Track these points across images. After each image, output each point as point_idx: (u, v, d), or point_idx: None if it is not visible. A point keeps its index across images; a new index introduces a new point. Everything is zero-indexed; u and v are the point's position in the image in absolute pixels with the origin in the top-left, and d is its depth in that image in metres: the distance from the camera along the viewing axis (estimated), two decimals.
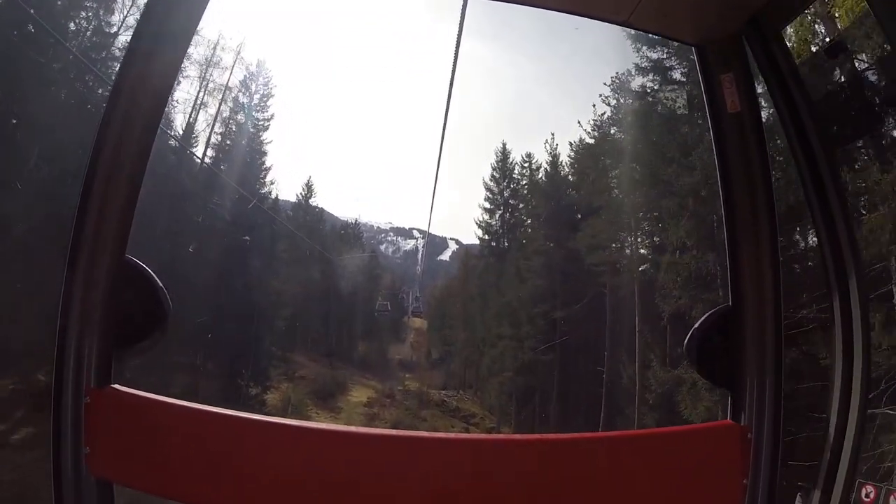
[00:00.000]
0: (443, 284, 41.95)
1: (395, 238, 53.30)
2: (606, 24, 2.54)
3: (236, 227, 30.53)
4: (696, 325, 2.47)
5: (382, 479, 2.14)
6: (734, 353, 2.39)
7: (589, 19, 2.61)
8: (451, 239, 50.18)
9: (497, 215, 36.84)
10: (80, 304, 2.20)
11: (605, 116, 31.29)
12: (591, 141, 32.18)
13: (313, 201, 37.15)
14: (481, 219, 36.56)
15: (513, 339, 31.76)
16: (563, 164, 34.10)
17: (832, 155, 2.32)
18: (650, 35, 20.39)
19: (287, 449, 2.17)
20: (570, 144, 33.21)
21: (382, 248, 51.25)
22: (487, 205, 36.85)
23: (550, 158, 34.58)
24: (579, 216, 31.31)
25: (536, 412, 31.55)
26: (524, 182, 36.67)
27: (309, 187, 35.49)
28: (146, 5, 2.35)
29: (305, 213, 37.78)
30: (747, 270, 2.41)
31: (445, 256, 50.76)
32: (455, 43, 4.36)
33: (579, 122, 34.54)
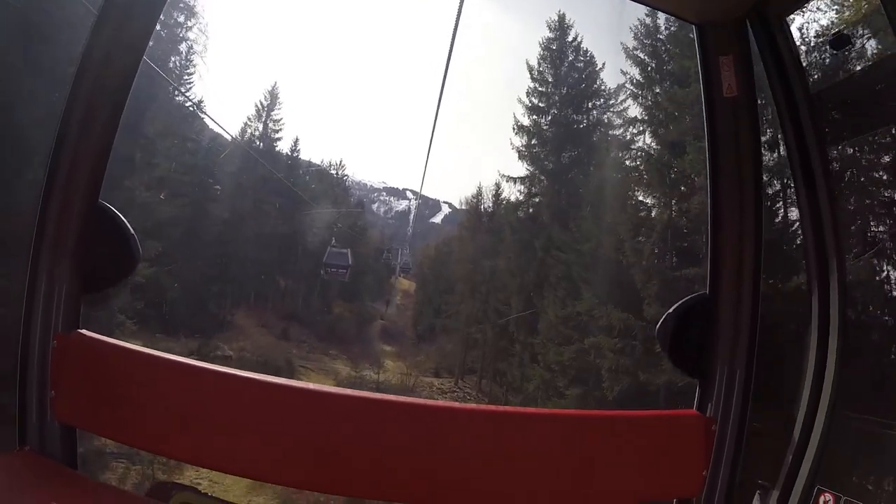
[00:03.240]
0: (437, 245, 41.82)
1: (387, 198, 53.02)
2: None
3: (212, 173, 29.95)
4: (671, 311, 2.57)
5: (334, 435, 2.27)
6: (707, 342, 2.50)
7: None
8: (445, 202, 50.10)
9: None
10: (52, 248, 2.34)
11: None
12: None
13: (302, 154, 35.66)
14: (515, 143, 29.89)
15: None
16: None
17: (825, 150, 2.38)
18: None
19: (248, 402, 2.31)
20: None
21: (374, 207, 50.07)
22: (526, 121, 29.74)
23: None
24: None
25: None
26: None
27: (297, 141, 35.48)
28: None
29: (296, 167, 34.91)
30: (728, 259, 2.51)
31: (437, 219, 50.57)
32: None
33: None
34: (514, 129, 30.52)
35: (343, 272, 32.13)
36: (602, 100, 29.61)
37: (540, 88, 30.47)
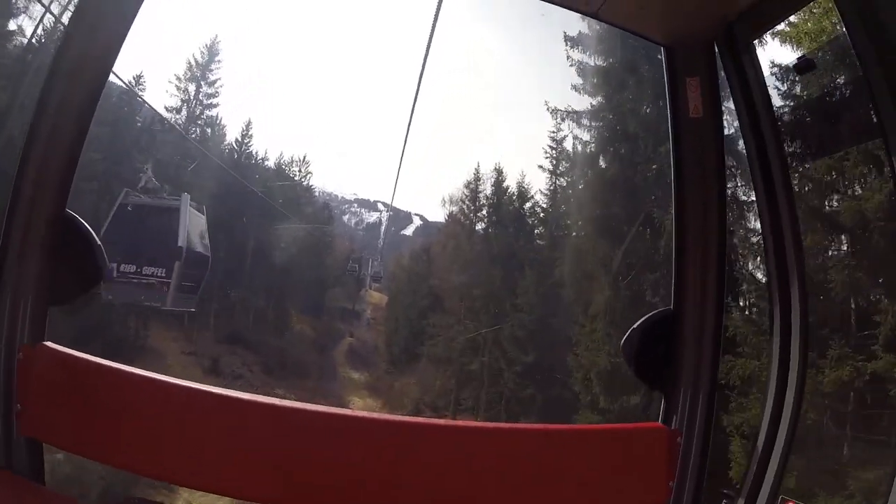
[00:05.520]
0: (412, 253, 40.93)
1: (358, 209, 53.25)
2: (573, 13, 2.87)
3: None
4: (636, 326, 2.75)
5: (302, 451, 2.37)
6: (671, 357, 2.67)
7: (556, 6, 2.81)
8: (417, 214, 50.42)
9: None
10: (17, 259, 2.40)
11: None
12: None
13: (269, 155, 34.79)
14: None
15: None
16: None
17: (787, 170, 2.58)
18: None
19: (217, 418, 2.39)
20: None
21: (345, 219, 49.70)
22: None
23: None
24: None
25: None
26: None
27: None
28: None
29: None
30: (692, 276, 2.69)
31: (409, 231, 50.84)
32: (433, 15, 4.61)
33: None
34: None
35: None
36: None
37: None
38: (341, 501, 2.40)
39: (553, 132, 30.87)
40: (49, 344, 2.44)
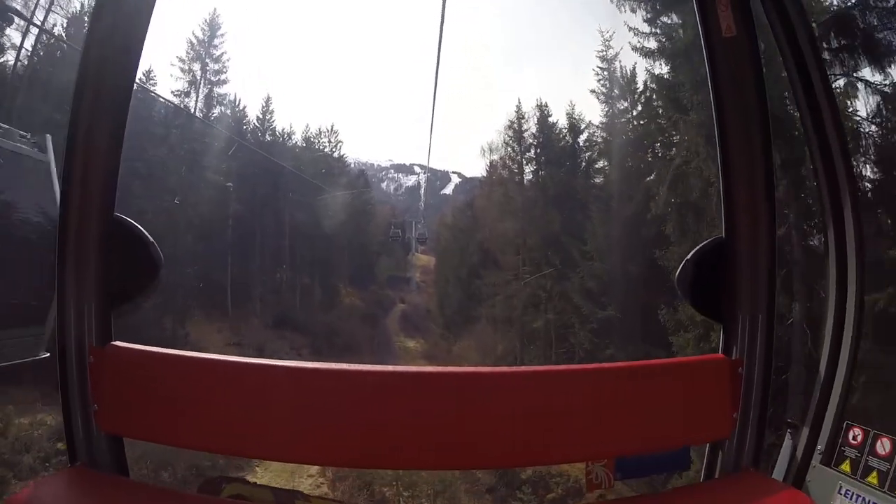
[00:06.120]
0: (454, 210, 40.26)
1: (395, 174, 54.65)
2: None
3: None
4: (689, 257, 2.79)
5: (379, 414, 2.51)
6: (727, 286, 2.72)
7: None
8: (454, 172, 51.64)
9: None
10: (75, 267, 2.60)
11: None
12: None
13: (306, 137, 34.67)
14: None
15: None
16: None
17: (828, 82, 2.58)
18: None
19: (284, 389, 2.55)
20: None
21: (384, 185, 51.39)
22: None
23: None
24: None
25: None
26: None
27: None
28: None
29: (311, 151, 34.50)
30: (741, 202, 2.71)
31: (448, 190, 51.74)
32: None
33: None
34: None
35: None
36: None
37: None
38: (421, 455, 2.57)
39: (602, 51, 29.51)
40: (117, 343, 2.64)
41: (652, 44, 26.27)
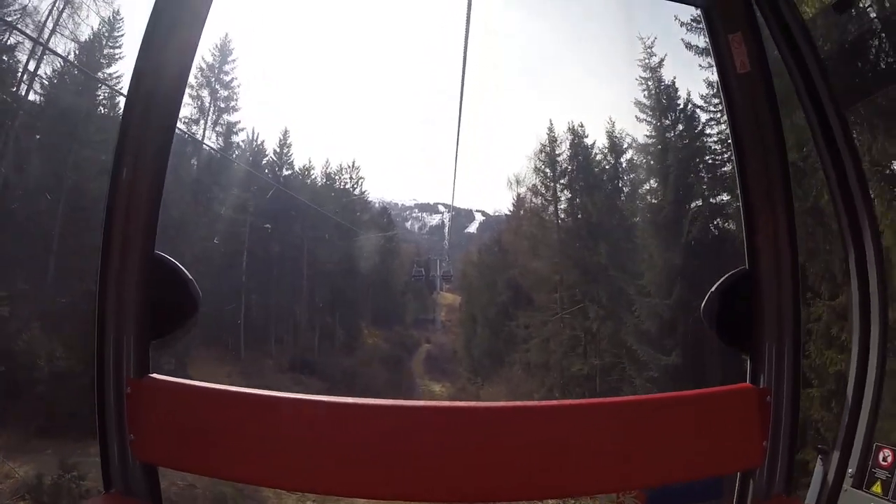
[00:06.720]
0: (480, 248, 40.59)
1: (419, 214, 56.76)
2: None
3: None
4: (714, 289, 2.92)
5: (413, 447, 2.65)
6: (752, 316, 2.84)
7: None
8: (478, 211, 53.91)
9: None
10: (115, 301, 2.80)
11: None
12: None
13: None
14: None
15: None
16: None
17: (843, 113, 2.74)
18: None
19: (317, 423, 2.70)
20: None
21: (408, 224, 54.18)
22: None
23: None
24: None
25: None
26: None
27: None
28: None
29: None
30: (763, 233, 2.85)
31: (472, 228, 53.97)
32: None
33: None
34: None
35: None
36: None
37: None
38: (455, 489, 2.69)
39: (644, 59, 28.94)
40: (154, 375, 2.83)
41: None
